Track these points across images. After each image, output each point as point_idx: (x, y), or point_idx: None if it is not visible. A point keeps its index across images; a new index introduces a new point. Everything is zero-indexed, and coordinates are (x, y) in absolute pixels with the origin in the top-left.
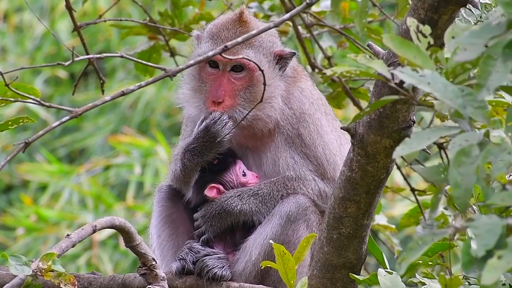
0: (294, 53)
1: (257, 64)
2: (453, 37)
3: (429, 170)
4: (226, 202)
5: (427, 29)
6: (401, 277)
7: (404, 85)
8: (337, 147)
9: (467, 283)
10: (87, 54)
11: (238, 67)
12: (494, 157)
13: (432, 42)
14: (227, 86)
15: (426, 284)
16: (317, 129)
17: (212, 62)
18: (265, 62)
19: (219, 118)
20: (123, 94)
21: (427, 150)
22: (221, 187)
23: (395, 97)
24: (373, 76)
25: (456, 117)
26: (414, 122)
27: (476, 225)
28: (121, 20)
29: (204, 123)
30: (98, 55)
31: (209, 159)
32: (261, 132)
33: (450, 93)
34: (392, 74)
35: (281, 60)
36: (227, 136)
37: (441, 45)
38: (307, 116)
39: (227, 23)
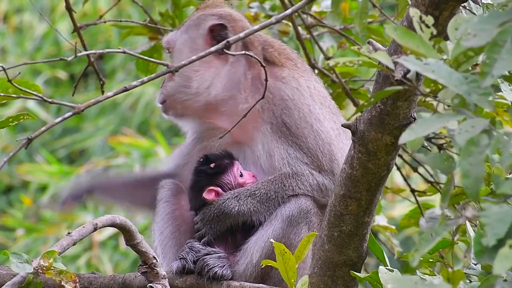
0: (222, 25)
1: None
2: (456, 29)
3: (433, 158)
4: (223, 205)
5: (430, 20)
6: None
7: (407, 76)
8: (332, 136)
9: (468, 281)
10: (87, 55)
11: (169, 48)
12: (503, 145)
13: (435, 32)
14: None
15: (427, 281)
16: (304, 116)
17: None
18: (186, 38)
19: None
20: (126, 90)
21: (428, 148)
22: (219, 189)
23: (399, 87)
24: (376, 66)
25: (460, 107)
26: (415, 118)
27: (487, 215)
28: (121, 21)
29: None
30: (100, 51)
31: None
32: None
33: (455, 80)
34: (394, 69)
35: (215, 35)
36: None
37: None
38: (289, 102)
39: None
